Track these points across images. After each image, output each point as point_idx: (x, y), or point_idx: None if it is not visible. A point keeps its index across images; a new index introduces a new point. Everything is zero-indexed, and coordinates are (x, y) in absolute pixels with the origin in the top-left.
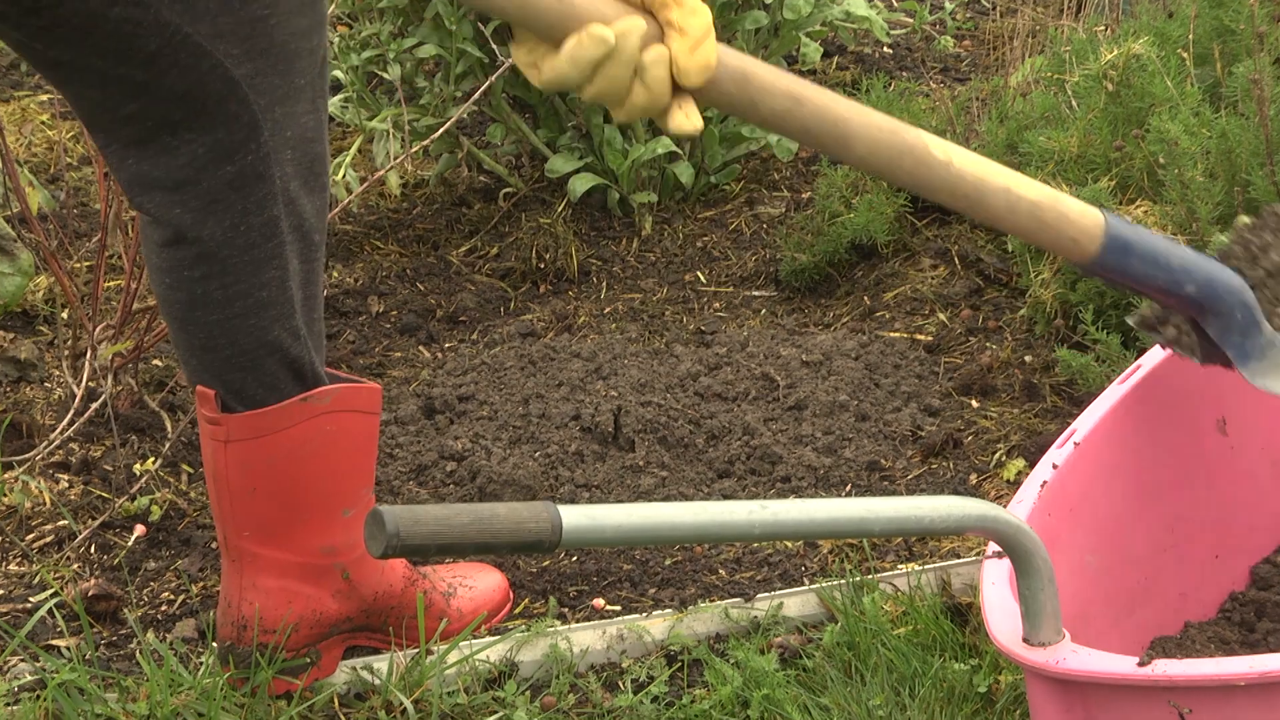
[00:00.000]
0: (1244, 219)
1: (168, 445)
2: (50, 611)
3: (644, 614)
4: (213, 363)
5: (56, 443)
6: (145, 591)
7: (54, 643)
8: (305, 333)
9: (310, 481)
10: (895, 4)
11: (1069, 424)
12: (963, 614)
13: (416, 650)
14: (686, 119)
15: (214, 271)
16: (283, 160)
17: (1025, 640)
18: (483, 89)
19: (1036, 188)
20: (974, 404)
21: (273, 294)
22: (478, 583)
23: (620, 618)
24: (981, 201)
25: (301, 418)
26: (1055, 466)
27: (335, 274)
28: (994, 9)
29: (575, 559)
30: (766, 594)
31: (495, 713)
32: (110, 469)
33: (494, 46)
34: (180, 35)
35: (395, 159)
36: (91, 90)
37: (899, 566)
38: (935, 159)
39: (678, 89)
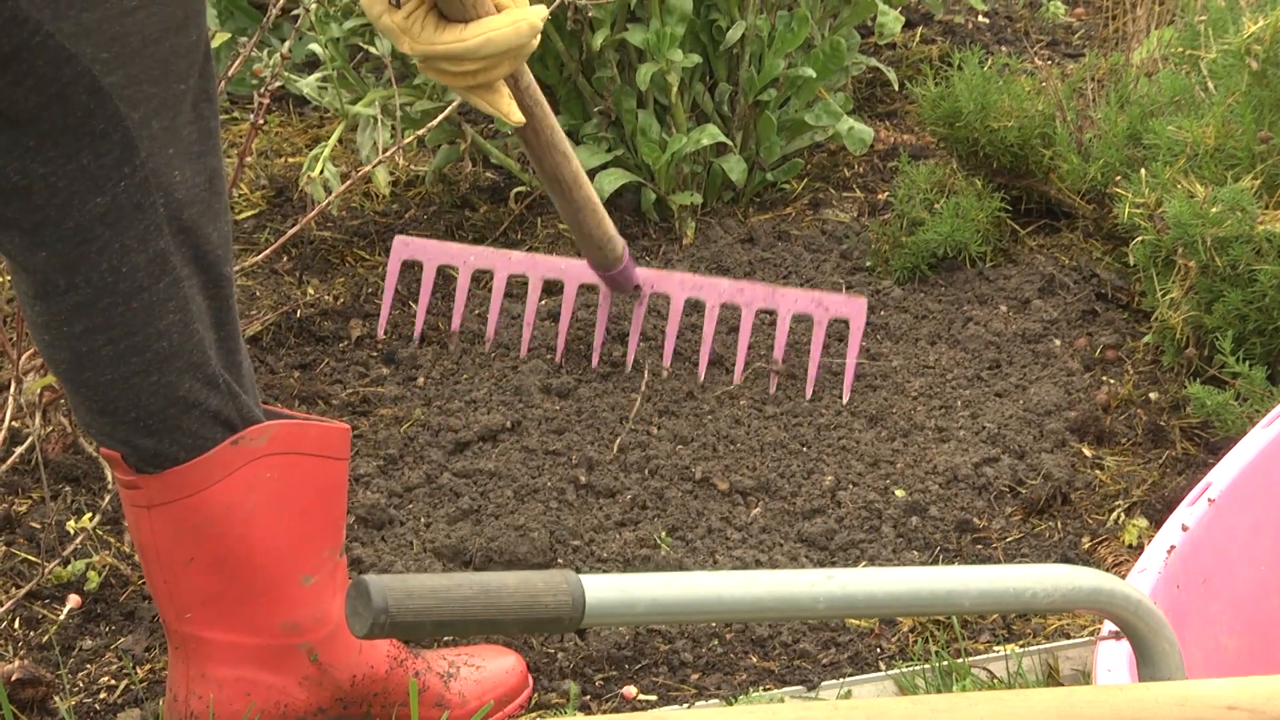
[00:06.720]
0: None
1: (108, 498)
2: None
3: (685, 705)
4: (115, 427)
5: None
6: (80, 675)
7: None
8: (225, 379)
9: (257, 544)
10: None
11: (1202, 476)
12: None
13: None
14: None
15: (97, 325)
16: (167, 184)
17: None
18: None
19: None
20: (1087, 451)
21: (175, 343)
22: (487, 663)
23: (657, 710)
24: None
25: (235, 465)
26: (1185, 528)
27: (311, 290)
28: None
29: (602, 637)
30: (833, 681)
31: None
32: (38, 526)
33: None
34: (40, 35)
35: (384, 151)
36: None
37: (995, 649)
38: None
39: None
